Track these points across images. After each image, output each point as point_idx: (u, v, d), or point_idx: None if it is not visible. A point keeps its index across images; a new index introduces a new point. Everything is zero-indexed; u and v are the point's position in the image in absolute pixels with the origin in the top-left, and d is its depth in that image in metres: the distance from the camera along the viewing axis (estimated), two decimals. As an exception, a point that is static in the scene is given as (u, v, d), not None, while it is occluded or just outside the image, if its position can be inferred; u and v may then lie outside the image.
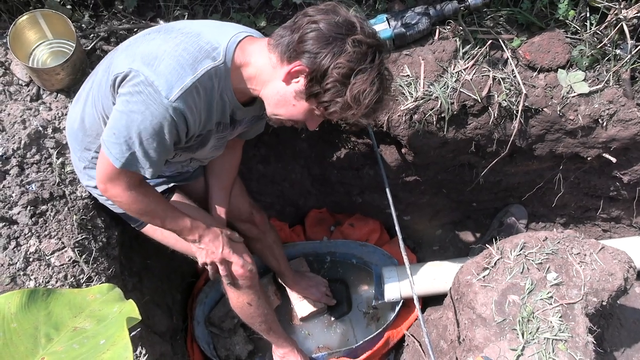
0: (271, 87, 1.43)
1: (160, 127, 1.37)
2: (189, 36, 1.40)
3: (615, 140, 2.10)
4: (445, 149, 2.20)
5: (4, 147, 1.80)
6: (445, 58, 2.03)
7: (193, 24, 1.49)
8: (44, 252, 1.75)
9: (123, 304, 0.93)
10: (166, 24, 1.53)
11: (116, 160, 1.42)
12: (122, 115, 1.37)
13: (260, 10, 2.15)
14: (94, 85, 1.55)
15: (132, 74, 1.35)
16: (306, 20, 1.34)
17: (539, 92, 2.04)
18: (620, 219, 2.63)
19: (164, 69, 1.34)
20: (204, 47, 1.39)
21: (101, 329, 0.87)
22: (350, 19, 1.33)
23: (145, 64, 1.35)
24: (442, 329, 2.08)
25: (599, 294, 1.74)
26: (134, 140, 1.38)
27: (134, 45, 1.44)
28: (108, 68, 1.48)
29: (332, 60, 1.31)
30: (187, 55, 1.36)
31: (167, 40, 1.40)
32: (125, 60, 1.40)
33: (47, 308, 0.88)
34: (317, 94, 1.37)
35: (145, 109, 1.34)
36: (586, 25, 2.01)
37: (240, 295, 1.94)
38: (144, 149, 1.40)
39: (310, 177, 2.60)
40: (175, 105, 1.34)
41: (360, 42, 1.31)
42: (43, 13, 1.94)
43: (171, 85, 1.33)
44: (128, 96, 1.36)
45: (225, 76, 1.42)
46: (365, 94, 1.34)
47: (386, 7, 2.11)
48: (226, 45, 1.41)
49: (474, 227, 2.87)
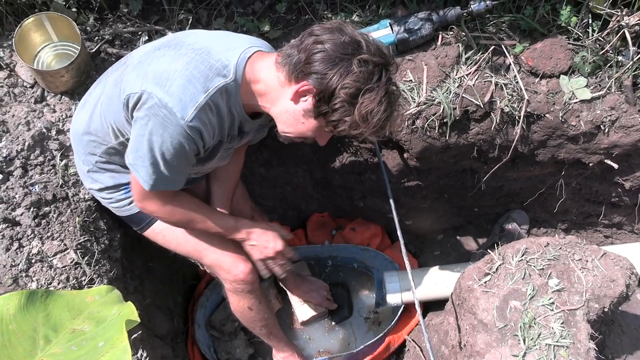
0: (280, 106, 1.45)
1: (180, 145, 1.41)
2: (199, 53, 1.42)
3: (617, 146, 2.10)
4: (447, 154, 2.20)
5: (8, 149, 1.81)
6: (448, 63, 2.03)
7: (203, 38, 1.49)
8: (47, 254, 1.76)
9: (122, 306, 0.94)
10: (176, 37, 1.52)
11: (145, 183, 1.49)
12: (143, 139, 1.41)
13: (264, 15, 2.16)
14: (103, 97, 1.57)
15: (145, 97, 1.38)
16: (312, 40, 1.35)
17: (541, 98, 2.03)
18: (621, 225, 2.62)
19: (176, 90, 1.37)
20: (214, 65, 1.41)
21: (100, 331, 0.87)
22: (356, 37, 1.35)
23: (158, 84, 1.38)
24: (444, 334, 2.08)
25: (601, 300, 1.73)
26: (159, 161, 1.43)
27: (145, 62, 1.45)
28: (119, 83, 1.49)
29: (339, 80, 1.33)
30: (197, 73, 1.38)
31: (178, 58, 1.41)
32: (137, 79, 1.42)
33: (46, 310, 0.88)
34: (326, 113, 1.40)
35: (163, 131, 1.39)
36: (588, 31, 2.01)
37: (241, 300, 1.95)
38: (169, 167, 1.46)
39: (313, 181, 2.60)
40: (191, 125, 1.38)
41: (367, 62, 1.33)
42: (48, 15, 1.95)
43: (185, 105, 1.36)
44: (145, 119, 1.39)
45: (236, 93, 1.45)
46: (373, 113, 1.36)
47: (389, 13, 2.11)
48: (236, 62, 1.42)
49: (476, 232, 2.87)
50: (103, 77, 1.69)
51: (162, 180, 1.49)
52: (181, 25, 2.11)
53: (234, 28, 2.12)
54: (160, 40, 1.56)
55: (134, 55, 1.56)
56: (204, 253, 1.84)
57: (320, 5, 2.13)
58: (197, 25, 2.14)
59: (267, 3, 2.16)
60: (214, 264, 1.85)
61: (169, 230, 1.81)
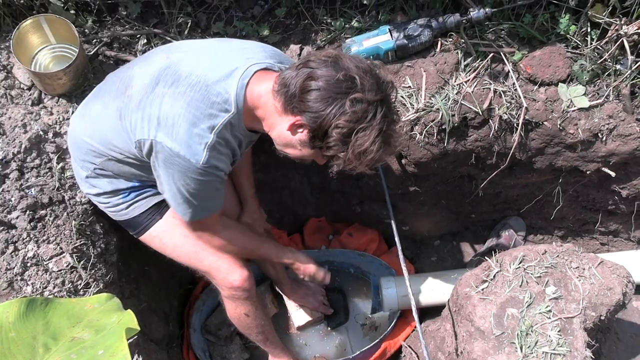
0: (278, 131, 1.47)
1: (204, 183, 1.47)
2: (197, 90, 1.42)
3: (615, 154, 2.11)
4: (445, 160, 2.20)
5: (4, 151, 1.79)
6: (447, 70, 2.04)
7: (198, 64, 1.48)
8: (42, 258, 1.75)
9: (122, 314, 0.93)
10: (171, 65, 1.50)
11: (184, 216, 1.58)
12: (170, 183, 1.49)
13: (263, 19, 2.15)
14: (107, 122, 1.57)
15: (158, 147, 1.43)
16: (307, 75, 1.36)
17: (539, 105, 2.04)
18: (618, 233, 2.63)
19: (184, 136, 1.40)
20: (215, 101, 1.42)
21: (99, 339, 0.87)
22: (350, 73, 1.34)
23: (165, 133, 1.41)
24: (440, 340, 2.07)
25: (598, 308, 1.73)
26: (190, 199, 1.51)
27: (147, 103, 1.46)
28: (123, 118, 1.51)
29: (332, 120, 1.34)
30: (200, 114, 1.41)
31: (177, 99, 1.43)
32: (143, 124, 1.45)
33: (46, 317, 0.88)
34: (321, 147, 1.42)
35: (184, 175, 1.45)
36: (587, 40, 2.02)
37: (238, 307, 1.94)
38: (201, 200, 1.53)
39: (310, 186, 2.60)
40: (207, 165, 1.43)
41: (360, 101, 1.33)
42: (47, 18, 1.95)
43: (195, 151, 1.41)
44: (164, 167, 1.46)
45: (239, 121, 1.48)
46: (367, 152, 1.37)
47: (389, 19, 2.11)
48: (235, 94, 1.44)
49: (472, 238, 2.87)
50: (102, 93, 1.67)
51: (200, 211, 1.57)
52: (180, 29, 2.11)
53: (233, 32, 2.12)
54: (156, 66, 1.52)
55: (132, 83, 1.53)
56: (200, 258, 1.82)
57: (320, 10, 2.13)
58: (196, 29, 2.14)
59: (267, 7, 2.15)
60: (211, 269, 1.84)
61: (166, 235, 1.80)
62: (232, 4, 2.14)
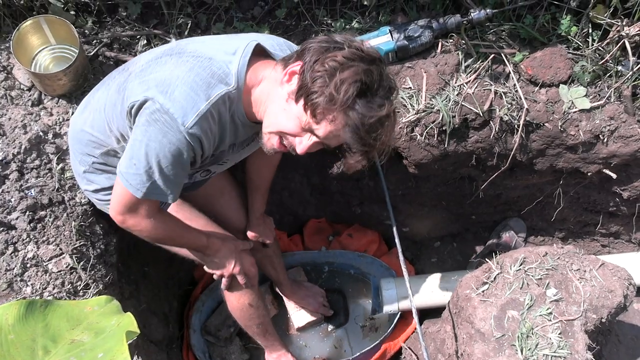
0: (270, 99, 1.43)
1: (178, 153, 1.39)
2: (200, 60, 1.41)
3: (616, 156, 2.10)
4: (445, 161, 2.19)
5: (4, 152, 1.79)
6: (448, 71, 2.03)
7: (204, 45, 1.49)
8: (42, 258, 1.74)
9: (121, 317, 0.92)
10: (178, 44, 1.52)
11: (137, 191, 1.44)
12: (141, 145, 1.39)
13: (263, 20, 2.15)
14: (108, 102, 1.56)
15: (148, 103, 1.37)
16: (304, 45, 1.36)
17: (540, 107, 2.04)
18: (619, 235, 2.63)
19: (179, 96, 1.36)
20: (216, 72, 1.40)
21: (99, 341, 0.86)
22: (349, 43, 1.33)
23: (160, 91, 1.37)
24: (440, 342, 2.07)
25: (599, 310, 1.73)
26: (153, 169, 1.40)
27: (147, 70, 1.45)
28: (122, 90, 1.49)
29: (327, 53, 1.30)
30: (200, 80, 1.38)
31: (179, 65, 1.41)
32: (140, 87, 1.41)
33: (45, 320, 0.87)
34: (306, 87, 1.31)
35: (162, 137, 1.37)
36: (588, 41, 2.01)
37: (242, 296, 1.95)
38: (164, 176, 1.42)
39: (310, 187, 2.60)
40: (191, 132, 1.36)
41: (360, 49, 1.32)
42: (47, 18, 1.94)
43: (186, 112, 1.36)
44: (145, 125, 1.38)
45: (238, 100, 1.44)
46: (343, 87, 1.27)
47: (389, 20, 2.11)
48: (237, 69, 1.42)
49: (473, 239, 2.87)
50: (106, 80, 1.68)
51: (155, 189, 1.45)
52: (180, 30, 2.10)
53: (233, 33, 2.11)
54: (162, 48, 1.55)
55: (136, 62, 1.56)
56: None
57: (320, 11, 2.13)
58: (196, 30, 2.14)
59: (267, 8, 2.15)
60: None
61: None
62: (232, 5, 2.14)
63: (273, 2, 2.15)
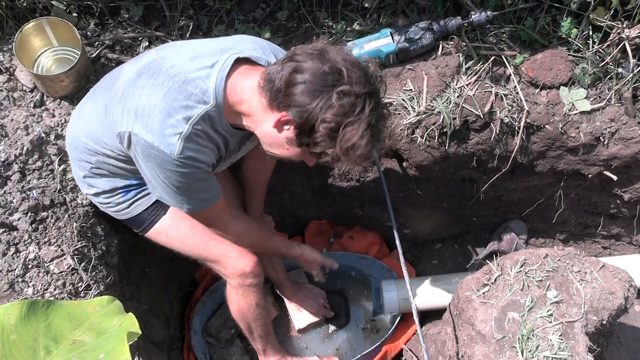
0: (264, 129, 1.43)
1: (184, 174, 1.43)
2: (175, 81, 1.40)
3: (617, 158, 2.11)
4: (446, 163, 2.20)
5: (6, 153, 1.79)
6: (448, 73, 2.04)
7: (181, 57, 1.47)
8: (43, 259, 1.75)
9: (123, 318, 0.93)
10: (156, 59, 1.49)
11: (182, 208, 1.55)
12: (151, 176, 1.47)
13: (264, 22, 2.16)
14: (96, 119, 1.59)
15: (134, 138, 1.41)
16: (292, 68, 1.31)
17: (541, 109, 2.04)
18: (620, 237, 2.63)
19: (157, 127, 1.37)
20: (192, 92, 1.39)
21: (101, 342, 0.87)
22: (337, 65, 1.29)
23: (141, 124, 1.39)
24: (441, 344, 2.07)
25: (599, 312, 1.73)
26: (177, 191, 1.47)
27: (127, 96, 1.45)
28: (108, 113, 1.51)
29: (319, 114, 1.29)
30: (176, 105, 1.38)
31: (155, 90, 1.40)
32: (123, 116, 1.44)
33: (47, 320, 0.87)
34: (308, 144, 1.37)
35: (162, 168, 1.42)
36: (589, 43, 2.02)
37: (249, 295, 1.91)
38: (189, 191, 1.49)
39: (311, 189, 2.60)
40: (182, 156, 1.39)
41: (347, 93, 1.28)
42: (49, 20, 1.95)
43: (169, 141, 1.37)
44: (143, 160, 1.44)
45: (219, 115, 1.44)
46: (355, 147, 1.31)
47: (390, 22, 2.11)
48: (215, 86, 1.40)
49: (474, 241, 2.87)
50: (95, 92, 1.69)
51: (194, 203, 1.53)
52: (182, 32, 2.11)
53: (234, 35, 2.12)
54: (142, 61, 1.52)
55: (119, 80, 1.53)
56: (209, 248, 1.80)
57: (321, 13, 2.13)
58: (198, 32, 2.14)
59: (268, 10, 2.16)
60: (221, 257, 1.82)
61: (172, 229, 1.78)
62: (233, 7, 2.15)
63: (274, 5, 2.15)
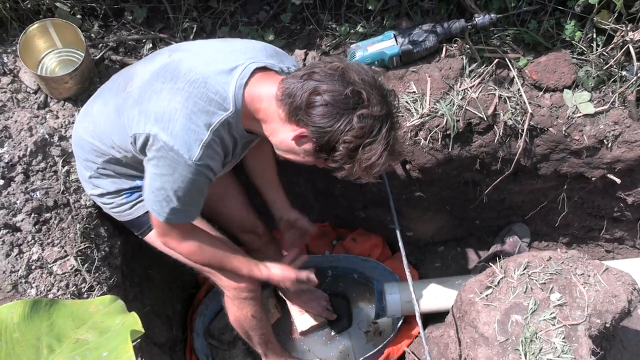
0: (280, 138, 1.45)
1: (191, 182, 1.44)
2: (195, 86, 1.41)
3: (620, 161, 2.10)
4: (449, 166, 2.20)
5: (10, 154, 1.80)
6: (452, 76, 2.04)
7: (199, 60, 1.48)
8: (47, 260, 1.75)
9: (126, 316, 0.93)
10: (171, 63, 1.50)
11: (159, 215, 1.52)
12: (156, 177, 1.46)
13: (268, 24, 2.16)
14: (106, 120, 1.58)
15: (152, 140, 1.42)
16: (313, 88, 1.33)
17: (544, 111, 2.04)
18: (623, 240, 2.62)
19: (180, 131, 1.39)
20: (213, 98, 1.41)
21: (104, 341, 0.87)
22: (357, 88, 1.33)
23: (161, 127, 1.40)
24: (444, 347, 2.07)
25: (603, 315, 1.72)
26: (171, 197, 1.47)
27: (145, 98, 1.46)
28: (121, 114, 1.51)
29: (339, 136, 1.34)
30: (198, 110, 1.40)
31: (176, 94, 1.41)
32: (140, 118, 1.44)
33: (50, 319, 0.88)
34: (326, 159, 1.42)
35: (173, 171, 1.42)
36: (592, 46, 2.02)
37: (244, 307, 1.93)
38: (182, 202, 1.48)
39: (314, 191, 2.60)
40: (199, 163, 1.41)
41: (367, 116, 1.33)
42: (53, 22, 1.96)
43: (190, 146, 1.39)
44: (155, 160, 1.44)
45: (237, 121, 1.46)
46: (374, 166, 1.37)
47: (394, 24, 2.12)
48: (234, 93, 1.43)
49: (477, 244, 2.86)
50: (103, 91, 1.68)
51: (176, 214, 1.52)
52: (185, 34, 2.12)
53: (239, 37, 2.12)
54: (156, 63, 1.53)
55: (134, 81, 1.53)
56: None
57: (325, 15, 2.14)
58: (202, 34, 2.15)
59: (272, 13, 2.16)
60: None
61: None
62: (237, 9, 2.15)
63: (278, 7, 2.16)
